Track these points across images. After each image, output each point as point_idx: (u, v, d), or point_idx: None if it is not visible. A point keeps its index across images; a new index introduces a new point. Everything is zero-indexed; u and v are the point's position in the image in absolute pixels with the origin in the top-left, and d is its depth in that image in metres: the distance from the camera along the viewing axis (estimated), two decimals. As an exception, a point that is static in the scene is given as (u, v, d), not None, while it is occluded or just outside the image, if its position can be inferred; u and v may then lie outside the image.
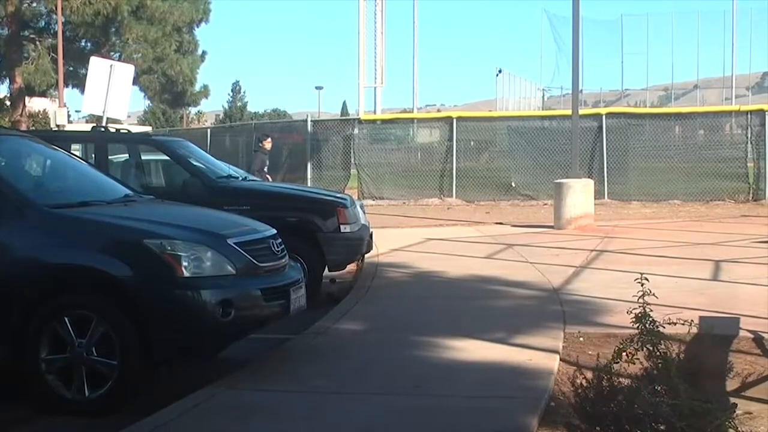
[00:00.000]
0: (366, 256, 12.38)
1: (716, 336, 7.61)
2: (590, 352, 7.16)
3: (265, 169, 18.02)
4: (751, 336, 7.91)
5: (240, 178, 12.16)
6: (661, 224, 19.00)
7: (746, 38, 47.99)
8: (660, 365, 5.00)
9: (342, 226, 10.91)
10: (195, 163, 11.46)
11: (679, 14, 54.29)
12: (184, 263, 6.55)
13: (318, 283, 10.82)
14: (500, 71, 42.97)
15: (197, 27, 42.06)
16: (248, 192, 11.46)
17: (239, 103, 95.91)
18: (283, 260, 7.47)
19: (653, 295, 5.64)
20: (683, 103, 59.30)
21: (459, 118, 27.62)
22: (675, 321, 5.56)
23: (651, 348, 5.13)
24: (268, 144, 18.75)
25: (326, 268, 11.13)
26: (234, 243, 6.94)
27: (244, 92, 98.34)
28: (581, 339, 7.94)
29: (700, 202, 23.77)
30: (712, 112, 28.34)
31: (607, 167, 24.81)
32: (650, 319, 5.36)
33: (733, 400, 6.00)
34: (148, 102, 57.76)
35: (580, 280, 11.38)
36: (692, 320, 5.81)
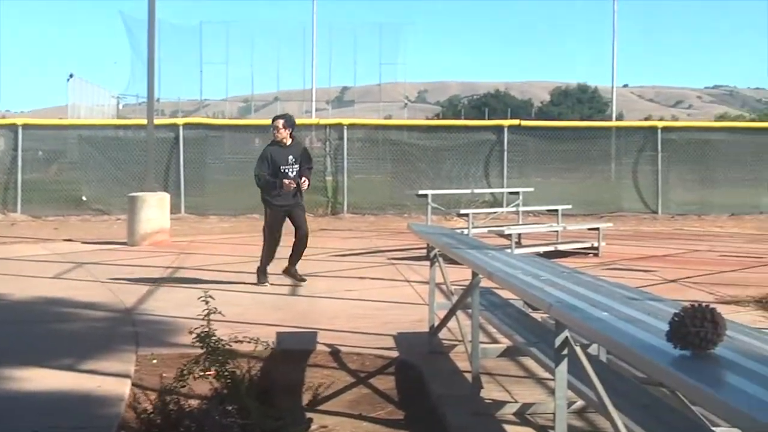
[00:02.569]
0: None
1: (293, 351, 7.92)
2: (164, 375, 7.14)
3: (286, 170, 12.40)
4: (328, 350, 8.29)
5: None
6: (239, 239, 19.42)
7: (326, 53, 50.42)
8: (230, 384, 5.10)
9: None
10: None
11: (259, 24, 55.76)
12: None
13: None
14: (72, 76, 41.81)
15: None
16: None
17: None
18: None
19: (220, 313, 5.74)
20: (264, 114, 60.90)
21: (25, 126, 26.44)
22: (243, 338, 5.70)
23: (219, 367, 5.22)
24: (274, 130, 12.70)
25: None
26: None
27: None
28: (154, 361, 7.89)
29: (280, 216, 24.58)
30: (293, 125, 29.49)
31: (185, 180, 24.93)
32: (215, 338, 5.45)
33: (308, 414, 6.26)
34: None
35: (154, 299, 11.33)
36: (258, 338, 5.97)
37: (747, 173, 26.75)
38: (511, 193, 22.67)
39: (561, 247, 15.93)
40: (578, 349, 4.45)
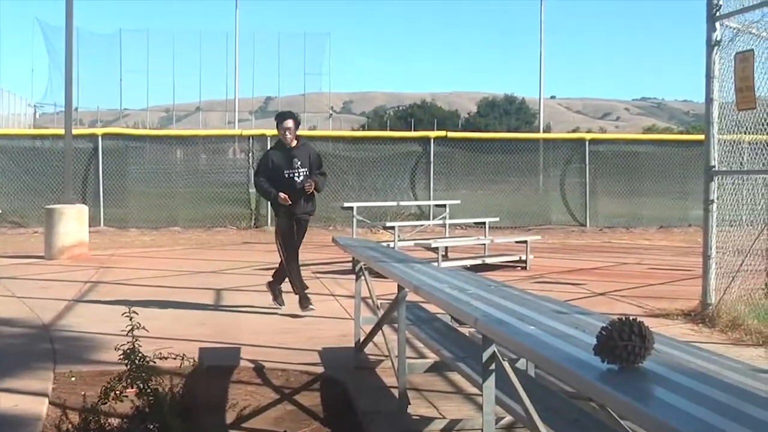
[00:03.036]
0: None
1: (216, 367, 7.87)
2: (83, 393, 7.03)
3: (290, 175, 11.30)
4: (252, 366, 8.24)
5: None
6: (161, 252, 19.25)
7: (249, 62, 50.22)
8: (152, 402, 5.04)
9: None
10: None
11: (180, 32, 55.24)
12: None
13: None
14: (-14, 84, 41.18)
15: None
16: None
17: None
18: None
19: (144, 328, 5.68)
20: (185, 125, 60.78)
21: (-65, 136, 25.95)
22: (167, 355, 5.65)
23: (142, 385, 5.16)
24: (281, 130, 11.45)
25: None
26: None
27: None
28: (73, 379, 7.77)
29: (202, 229, 24.44)
30: (215, 136, 29.28)
31: (104, 192, 24.61)
32: (140, 354, 5.40)
33: (232, 432, 6.23)
34: None
35: (73, 314, 11.16)
36: (185, 354, 5.93)
37: (675, 186, 27.18)
38: (437, 205, 22.73)
39: (488, 261, 16.03)
40: (506, 364, 4.48)
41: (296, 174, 11.21)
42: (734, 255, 10.70)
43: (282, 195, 11.07)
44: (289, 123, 11.29)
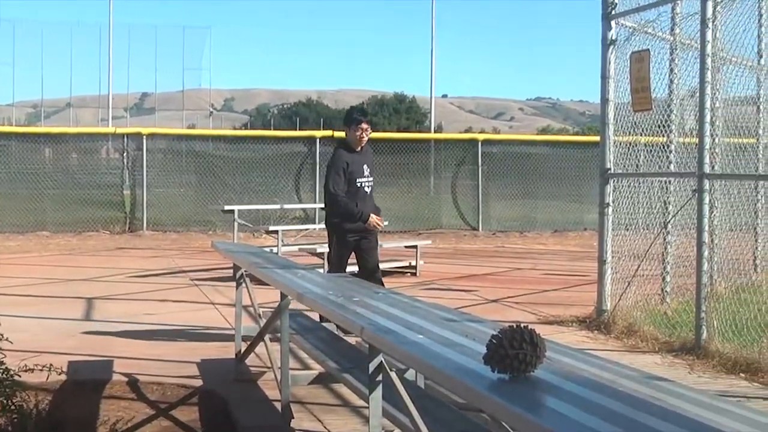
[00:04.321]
0: None
1: (87, 381, 7.72)
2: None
3: (363, 185, 10.20)
4: (126, 379, 8.11)
5: None
6: (27, 259, 18.84)
7: (124, 56, 49.42)
8: (16, 420, 4.93)
9: None
10: None
11: (50, 23, 54.26)
12: None
13: None
14: None
15: None
16: None
17: None
18: None
19: (8, 340, 5.55)
20: (55, 122, 59.65)
21: None
22: (33, 367, 5.52)
23: (5, 401, 5.04)
24: (359, 132, 10.06)
25: None
26: None
27: None
28: (-72, 396, 7.56)
29: (73, 234, 23.94)
30: (87, 134, 28.72)
31: (-35, 194, 23.99)
32: (3, 367, 5.27)
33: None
34: None
35: (-71, 326, 10.84)
36: (51, 365, 5.80)
37: (570, 188, 27.53)
38: (323, 208, 22.71)
39: (377, 266, 16.05)
40: (393, 375, 4.49)
41: (367, 184, 10.15)
42: (630, 260, 10.90)
43: (375, 218, 10.09)
44: (365, 123, 10.07)
